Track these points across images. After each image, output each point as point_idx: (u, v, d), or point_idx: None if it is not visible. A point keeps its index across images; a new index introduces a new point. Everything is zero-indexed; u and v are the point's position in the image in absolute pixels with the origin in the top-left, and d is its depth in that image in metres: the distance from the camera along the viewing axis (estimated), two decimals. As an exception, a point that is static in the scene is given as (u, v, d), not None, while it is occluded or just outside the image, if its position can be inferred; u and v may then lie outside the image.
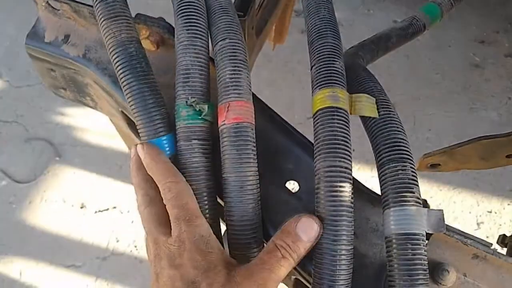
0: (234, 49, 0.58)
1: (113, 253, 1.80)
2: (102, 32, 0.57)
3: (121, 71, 0.56)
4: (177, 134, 0.57)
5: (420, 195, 0.54)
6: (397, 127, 0.57)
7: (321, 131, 0.54)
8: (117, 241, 1.81)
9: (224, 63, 0.57)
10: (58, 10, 0.69)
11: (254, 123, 0.57)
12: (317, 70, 0.59)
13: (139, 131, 0.57)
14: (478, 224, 1.79)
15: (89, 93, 0.77)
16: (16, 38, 2.18)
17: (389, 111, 0.59)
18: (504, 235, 0.83)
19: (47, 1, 0.68)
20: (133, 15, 0.67)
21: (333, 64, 0.58)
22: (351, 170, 0.53)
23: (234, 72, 0.56)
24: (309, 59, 0.61)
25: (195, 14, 0.58)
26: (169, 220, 0.52)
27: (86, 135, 1.99)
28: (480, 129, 1.94)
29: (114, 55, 0.56)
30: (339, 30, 0.62)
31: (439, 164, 0.91)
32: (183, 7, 0.58)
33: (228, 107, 0.55)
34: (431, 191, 1.83)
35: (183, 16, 0.58)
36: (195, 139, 0.55)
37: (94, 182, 1.92)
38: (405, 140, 0.56)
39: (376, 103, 0.59)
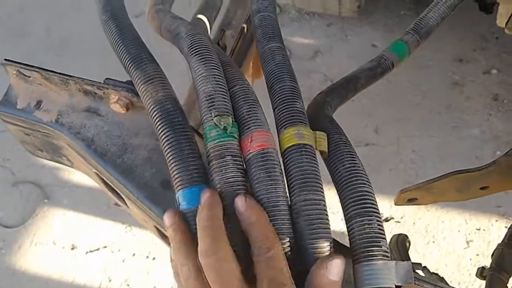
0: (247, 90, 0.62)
1: (105, 293, 1.80)
2: (141, 94, 0.61)
3: (159, 125, 0.58)
4: (208, 157, 0.57)
5: (387, 248, 0.55)
6: (363, 180, 0.58)
7: (293, 168, 0.57)
8: (109, 280, 1.81)
9: (240, 103, 0.60)
10: (29, 77, 0.70)
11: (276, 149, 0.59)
12: (280, 111, 0.62)
13: (174, 181, 0.56)
14: (467, 242, 1.80)
15: (65, 154, 0.78)
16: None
17: (354, 163, 0.60)
18: (482, 267, 0.85)
19: (18, 70, 0.70)
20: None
21: (294, 104, 0.62)
22: (325, 201, 0.56)
23: (251, 108, 0.60)
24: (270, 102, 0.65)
25: (209, 50, 0.63)
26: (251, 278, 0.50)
27: (73, 176, 2.00)
28: (463, 148, 1.96)
29: (153, 112, 0.59)
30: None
31: (416, 198, 0.92)
32: (196, 47, 0.63)
33: (251, 138, 0.57)
34: (419, 212, 1.84)
35: (197, 54, 0.62)
36: (228, 155, 0.55)
37: (83, 223, 1.92)
38: (371, 192, 0.58)
39: (342, 155, 0.61)
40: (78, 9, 2.49)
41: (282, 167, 0.58)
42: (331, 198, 0.62)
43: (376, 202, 0.57)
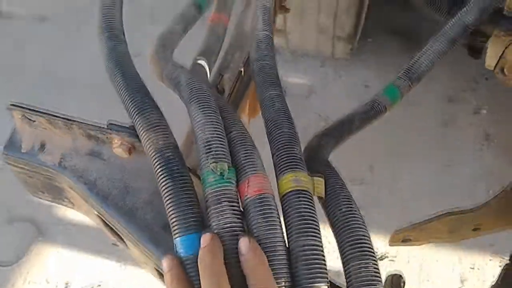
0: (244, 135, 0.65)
1: (98, 333, 1.78)
2: (143, 141, 0.63)
3: (159, 173, 0.59)
4: (206, 202, 0.58)
5: (383, 291, 0.57)
6: (359, 224, 0.60)
7: (291, 213, 0.58)
8: (103, 319, 1.79)
9: (237, 148, 0.63)
10: (34, 121, 0.72)
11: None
12: (278, 157, 0.64)
13: (172, 228, 0.57)
14: (462, 281, 1.81)
15: (67, 196, 0.79)
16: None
17: (351, 207, 0.62)
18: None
19: (23, 114, 0.72)
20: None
21: (292, 150, 0.64)
22: (322, 246, 0.57)
23: (247, 153, 0.62)
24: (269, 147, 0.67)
25: (207, 98, 0.65)
26: None
27: (68, 213, 1.99)
28: (457, 186, 1.99)
29: (153, 159, 0.61)
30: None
31: (410, 239, 0.94)
32: (195, 95, 0.65)
33: (248, 183, 0.59)
34: (414, 251, 1.84)
35: (196, 102, 0.64)
36: (225, 200, 0.57)
37: (77, 260, 1.91)
38: (367, 236, 0.60)
39: (338, 199, 0.63)
40: (77, 46, 2.52)
41: (280, 212, 0.60)
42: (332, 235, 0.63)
43: (372, 245, 0.59)
